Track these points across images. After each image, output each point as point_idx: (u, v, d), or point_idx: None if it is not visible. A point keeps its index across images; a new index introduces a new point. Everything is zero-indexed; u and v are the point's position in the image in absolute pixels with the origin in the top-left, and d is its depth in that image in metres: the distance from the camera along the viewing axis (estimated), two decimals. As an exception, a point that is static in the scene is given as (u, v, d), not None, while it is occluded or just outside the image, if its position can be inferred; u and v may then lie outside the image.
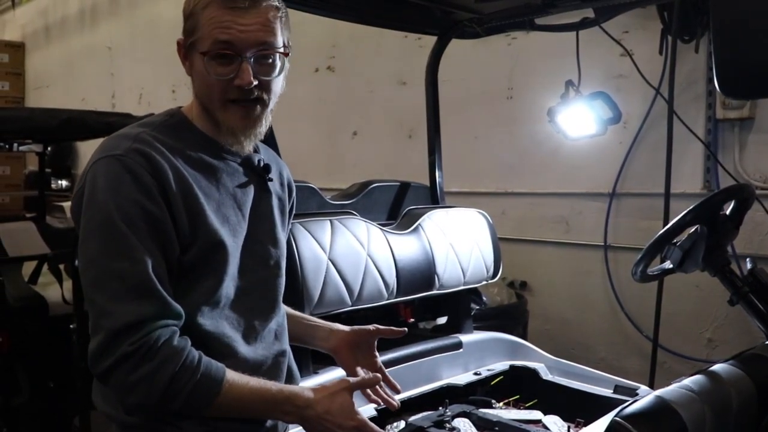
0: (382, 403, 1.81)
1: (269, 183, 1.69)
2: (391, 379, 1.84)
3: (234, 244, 1.56)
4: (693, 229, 1.99)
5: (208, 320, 1.51)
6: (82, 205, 1.44)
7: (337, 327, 1.88)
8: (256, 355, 1.60)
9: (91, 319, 1.39)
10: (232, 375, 1.45)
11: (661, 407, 1.41)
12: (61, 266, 4.01)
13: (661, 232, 1.99)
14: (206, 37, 1.47)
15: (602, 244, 3.93)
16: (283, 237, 1.73)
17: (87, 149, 8.38)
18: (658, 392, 1.48)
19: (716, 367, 1.69)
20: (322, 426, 1.51)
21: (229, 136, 1.56)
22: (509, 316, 3.69)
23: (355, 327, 1.87)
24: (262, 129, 1.58)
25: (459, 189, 4.19)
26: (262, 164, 1.68)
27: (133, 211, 1.40)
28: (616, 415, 1.39)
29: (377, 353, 1.89)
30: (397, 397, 2.31)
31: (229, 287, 1.55)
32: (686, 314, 3.62)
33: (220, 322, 1.54)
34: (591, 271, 4.01)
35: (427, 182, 2.94)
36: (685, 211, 1.95)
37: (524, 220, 4.24)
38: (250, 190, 1.64)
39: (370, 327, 1.86)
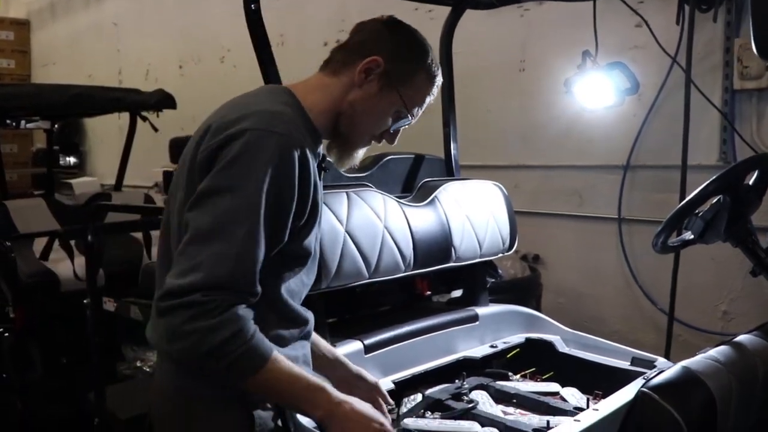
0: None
1: None
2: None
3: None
4: (715, 200, 1.97)
5: (291, 304, 1.62)
6: (222, 159, 1.43)
7: (342, 362, 1.93)
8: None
9: (184, 261, 1.40)
10: (278, 356, 1.46)
11: (688, 378, 1.40)
12: (72, 242, 4.00)
13: (683, 202, 1.97)
14: (411, 97, 1.64)
15: (616, 217, 3.90)
16: None
17: (95, 126, 8.38)
18: (684, 363, 1.46)
19: (741, 338, 1.68)
20: (347, 424, 1.53)
21: (336, 153, 1.68)
22: (523, 290, 3.67)
23: (361, 374, 1.93)
24: None
25: (471, 162, 4.14)
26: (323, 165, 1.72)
27: (276, 192, 1.43)
28: (642, 386, 1.37)
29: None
30: (414, 370, 2.32)
31: (305, 280, 1.67)
32: (702, 287, 3.60)
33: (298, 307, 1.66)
34: (605, 244, 3.98)
35: (441, 155, 2.90)
36: (708, 181, 1.92)
37: (537, 193, 4.21)
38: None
39: (372, 382, 1.93)
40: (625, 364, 2.46)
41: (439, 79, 1.69)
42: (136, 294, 3.51)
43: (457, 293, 2.87)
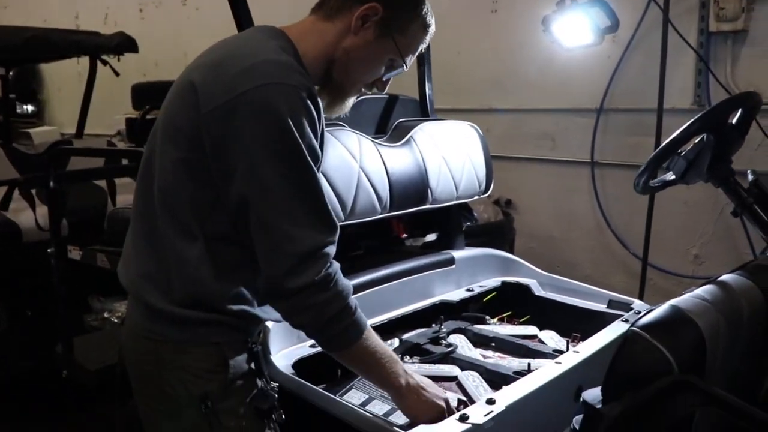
0: None
1: None
2: None
3: None
4: (698, 139, 1.93)
5: None
6: (243, 121, 1.38)
7: None
8: None
9: (269, 241, 1.42)
10: (370, 329, 1.56)
11: (678, 317, 1.36)
12: (33, 192, 3.88)
13: (666, 141, 1.92)
14: (406, 46, 1.60)
15: (589, 161, 3.87)
16: None
17: (52, 73, 8.12)
18: (673, 302, 1.43)
19: (725, 277, 1.65)
20: (416, 396, 1.61)
21: (326, 100, 1.62)
22: (496, 234, 3.65)
23: None
24: None
25: (442, 106, 4.05)
26: None
27: (308, 143, 1.42)
28: (632, 325, 1.34)
29: None
30: (391, 315, 2.29)
31: None
32: (673, 231, 3.61)
33: None
34: (577, 189, 3.97)
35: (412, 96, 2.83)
36: (692, 120, 1.88)
37: (509, 137, 4.16)
38: None
39: None
40: (601, 307, 2.46)
41: (433, 29, 1.66)
42: (102, 242, 3.41)
43: (431, 237, 2.83)
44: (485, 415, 1.58)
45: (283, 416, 1.59)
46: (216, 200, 1.45)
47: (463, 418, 1.55)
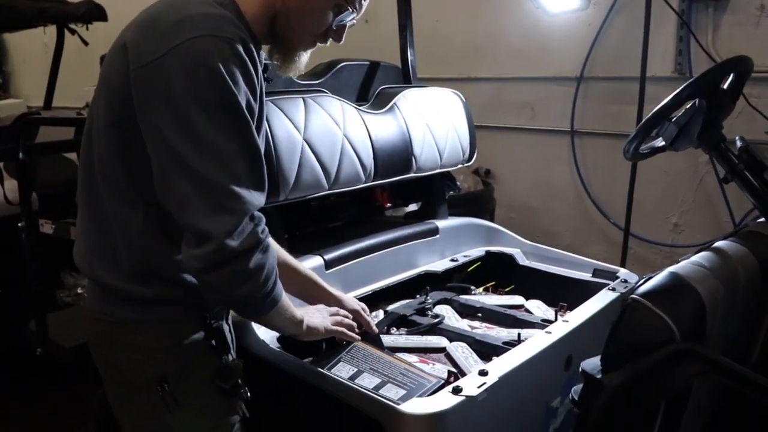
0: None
1: None
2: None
3: None
4: (689, 105, 1.89)
5: None
6: (173, 75, 1.29)
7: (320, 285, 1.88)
8: None
9: (209, 200, 1.31)
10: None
11: (678, 284, 1.34)
12: (1, 165, 3.75)
13: (659, 107, 1.88)
14: None
15: (569, 129, 3.84)
16: None
17: (17, 44, 7.92)
18: (672, 269, 1.40)
19: (719, 243, 1.63)
20: (313, 323, 1.65)
21: (278, 58, 1.53)
22: (477, 204, 3.62)
23: (341, 298, 1.88)
24: None
25: (419, 75, 4.01)
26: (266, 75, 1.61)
27: (245, 98, 1.34)
28: (631, 293, 1.31)
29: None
30: (376, 286, 2.24)
31: None
32: (653, 200, 3.59)
33: None
34: (557, 158, 3.93)
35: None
36: (684, 85, 1.84)
37: (489, 106, 4.10)
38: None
39: (352, 307, 1.87)
40: (587, 276, 2.44)
41: None
42: (76, 214, 3.30)
43: (413, 207, 2.78)
44: (478, 387, 1.54)
45: (249, 394, 1.54)
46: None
47: (457, 391, 1.52)
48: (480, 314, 2.22)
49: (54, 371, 3.16)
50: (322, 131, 1.99)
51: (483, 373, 1.60)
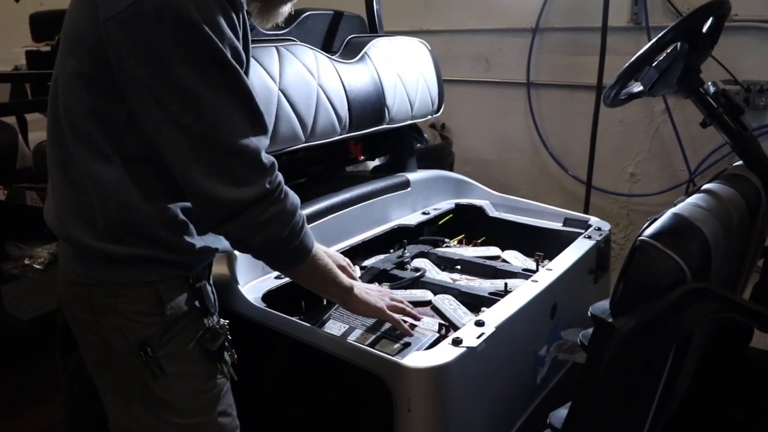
0: None
1: None
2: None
3: None
4: (670, 49, 1.88)
5: None
6: (151, 27, 1.18)
7: None
8: None
9: (208, 154, 1.25)
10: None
11: (684, 224, 1.32)
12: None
13: (641, 52, 1.86)
14: None
15: (524, 81, 3.82)
16: None
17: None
18: (674, 210, 1.39)
19: (709, 185, 1.63)
20: (364, 296, 1.62)
21: (258, 8, 1.48)
22: (436, 158, 3.58)
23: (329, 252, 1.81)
24: None
25: (371, 29, 3.94)
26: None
27: (230, 44, 1.25)
28: (640, 236, 1.29)
29: None
30: (352, 241, 2.19)
31: None
32: (609, 150, 3.60)
33: None
34: (513, 110, 3.91)
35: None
36: (667, 29, 1.82)
37: (442, 59, 3.96)
38: None
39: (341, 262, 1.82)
40: (557, 225, 2.43)
41: None
42: (29, 179, 3.13)
43: (375, 162, 2.72)
44: (477, 338, 1.51)
45: (236, 356, 1.49)
46: (128, 119, 1.27)
47: (457, 342, 1.49)
48: (459, 266, 2.19)
49: (16, 345, 3.00)
50: (297, 81, 1.91)
51: (480, 323, 1.58)
